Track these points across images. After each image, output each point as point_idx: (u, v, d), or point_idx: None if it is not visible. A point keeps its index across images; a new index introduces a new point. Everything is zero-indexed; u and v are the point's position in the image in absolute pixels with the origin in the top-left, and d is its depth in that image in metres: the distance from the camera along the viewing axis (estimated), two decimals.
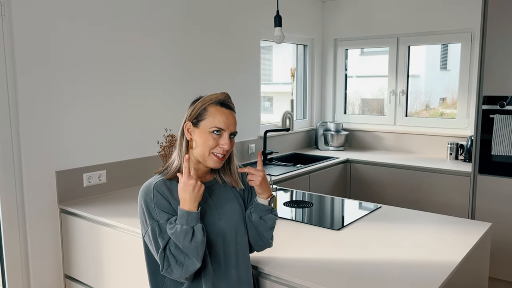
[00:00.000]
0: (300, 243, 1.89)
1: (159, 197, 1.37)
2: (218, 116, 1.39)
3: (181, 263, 1.34)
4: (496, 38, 3.06)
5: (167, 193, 1.38)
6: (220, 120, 1.39)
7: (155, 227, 1.35)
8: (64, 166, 2.49)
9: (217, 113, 1.39)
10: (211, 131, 1.39)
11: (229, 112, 1.42)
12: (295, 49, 4.52)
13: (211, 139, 1.39)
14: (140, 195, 1.41)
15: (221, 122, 1.39)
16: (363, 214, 2.26)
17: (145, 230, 1.38)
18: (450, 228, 2.04)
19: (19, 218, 2.36)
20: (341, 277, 1.56)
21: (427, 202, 3.54)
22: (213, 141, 1.39)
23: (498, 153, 3.10)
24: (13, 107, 2.29)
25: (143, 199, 1.39)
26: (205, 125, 1.39)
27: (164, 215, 1.36)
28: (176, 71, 3.09)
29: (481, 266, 2.02)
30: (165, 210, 1.37)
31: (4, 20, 2.23)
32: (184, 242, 1.31)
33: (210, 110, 1.39)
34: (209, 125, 1.39)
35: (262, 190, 1.48)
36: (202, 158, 1.42)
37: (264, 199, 1.49)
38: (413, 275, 1.58)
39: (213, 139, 1.39)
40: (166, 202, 1.37)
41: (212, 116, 1.39)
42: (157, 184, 1.39)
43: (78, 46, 2.51)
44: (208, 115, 1.39)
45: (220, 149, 1.40)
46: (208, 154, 1.40)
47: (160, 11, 2.93)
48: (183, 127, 1.43)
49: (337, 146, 4.35)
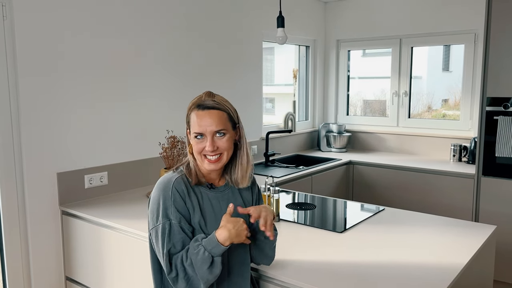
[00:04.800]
0: (303, 246, 1.87)
1: (177, 196, 1.38)
2: (197, 120, 1.39)
3: (188, 279, 1.34)
4: (500, 39, 3.04)
5: (185, 192, 1.39)
6: (199, 124, 1.39)
7: (166, 225, 1.35)
8: (65, 167, 2.48)
9: (196, 118, 1.39)
10: (195, 137, 1.41)
11: (207, 113, 1.39)
12: (297, 50, 4.50)
13: (195, 144, 1.41)
14: (157, 189, 1.41)
15: (200, 127, 1.39)
16: (366, 217, 2.25)
17: (155, 225, 1.38)
18: (455, 231, 2.02)
19: (20, 220, 2.35)
20: (344, 280, 1.54)
21: (430, 204, 3.52)
22: (198, 146, 1.40)
23: (502, 155, 3.08)
24: (15, 109, 2.28)
25: (162, 194, 1.38)
26: (191, 132, 1.42)
27: (177, 215, 1.36)
28: (178, 72, 3.08)
29: (486, 269, 2.00)
30: (181, 210, 1.37)
31: (5, 21, 2.22)
32: (201, 266, 1.31)
33: (191, 116, 1.41)
34: (192, 131, 1.41)
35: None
36: (200, 163, 1.44)
37: None
38: (418, 278, 1.56)
39: (198, 143, 1.40)
40: (183, 202, 1.38)
41: (193, 122, 1.40)
42: (176, 182, 1.39)
43: (80, 49, 2.50)
44: (191, 121, 1.41)
45: (207, 152, 1.40)
46: (201, 158, 1.41)
47: (161, 13, 2.92)
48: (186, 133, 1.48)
49: (339, 147, 4.33)
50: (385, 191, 3.76)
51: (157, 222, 1.37)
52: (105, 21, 2.60)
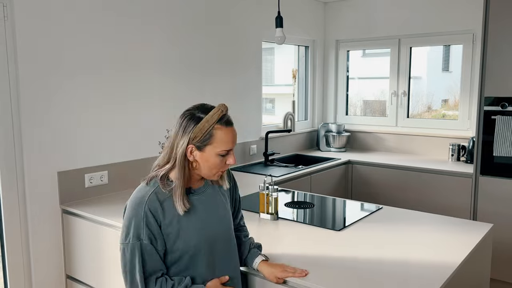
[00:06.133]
0: (301, 244, 1.89)
1: (149, 215, 1.34)
2: (226, 139, 1.36)
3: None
4: (498, 39, 3.06)
5: (159, 210, 1.36)
6: (229, 142, 1.37)
7: (136, 246, 1.34)
8: (66, 166, 2.50)
9: (224, 136, 1.35)
10: (220, 154, 1.37)
11: (233, 129, 1.39)
12: (296, 51, 4.52)
13: (218, 161, 1.38)
14: (130, 207, 1.37)
15: (229, 144, 1.37)
16: (365, 215, 2.26)
17: (123, 242, 1.36)
18: (452, 229, 2.04)
19: (21, 219, 2.37)
20: (342, 277, 1.56)
21: (428, 203, 3.54)
22: (221, 162, 1.38)
23: (500, 154, 3.09)
24: (15, 108, 2.30)
25: (134, 213, 1.35)
26: (212, 150, 1.36)
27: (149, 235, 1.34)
28: (178, 72, 3.10)
29: (483, 267, 2.02)
30: (153, 230, 1.35)
31: (6, 21, 2.24)
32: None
33: (217, 135, 1.34)
34: (217, 149, 1.36)
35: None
36: (207, 176, 1.42)
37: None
38: (415, 275, 1.57)
39: (221, 160, 1.38)
40: (156, 223, 1.35)
41: (220, 141, 1.35)
42: (150, 200, 1.36)
43: (80, 49, 2.51)
44: (215, 140, 1.35)
45: (227, 166, 1.40)
46: (214, 173, 1.40)
47: (161, 14, 2.94)
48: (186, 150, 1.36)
49: (338, 147, 4.35)
50: (384, 191, 3.77)
51: (126, 240, 1.36)
52: (105, 21, 2.62)
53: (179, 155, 1.36)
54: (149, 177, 1.42)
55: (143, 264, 1.34)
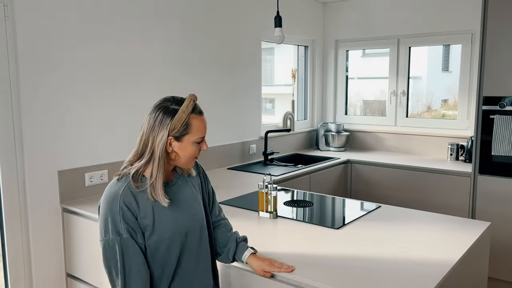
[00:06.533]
0: (300, 241, 1.90)
1: (125, 209, 1.35)
2: (201, 127, 1.42)
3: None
4: (496, 39, 3.07)
5: (134, 205, 1.37)
6: (203, 129, 1.43)
7: (116, 241, 1.34)
8: (66, 165, 2.51)
9: (199, 124, 1.41)
10: (197, 142, 1.42)
11: (203, 117, 1.45)
12: (296, 51, 4.53)
13: (195, 149, 1.43)
14: (104, 203, 1.38)
15: (204, 131, 1.44)
16: (363, 214, 2.28)
17: (104, 239, 1.36)
18: (450, 227, 2.05)
19: (21, 217, 2.38)
20: (340, 274, 1.57)
21: (427, 202, 3.55)
22: (197, 150, 1.44)
23: (498, 154, 3.11)
24: (16, 108, 2.31)
25: (109, 209, 1.36)
26: (190, 139, 1.40)
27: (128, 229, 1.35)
28: (177, 72, 3.11)
29: (480, 265, 2.03)
30: (130, 224, 1.36)
31: (7, 21, 2.25)
32: None
33: (193, 124, 1.40)
34: (194, 137, 1.41)
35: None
36: (183, 165, 1.46)
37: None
38: (412, 272, 1.59)
39: (197, 147, 1.44)
40: (132, 216, 1.36)
41: (196, 129, 1.40)
42: (124, 194, 1.36)
43: (81, 48, 2.53)
44: (192, 129, 1.40)
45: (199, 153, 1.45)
46: (191, 160, 1.45)
47: (160, 13, 2.96)
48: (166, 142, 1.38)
49: (338, 146, 4.36)
50: (383, 190, 3.79)
51: (105, 236, 1.36)
52: (106, 21, 2.63)
53: (160, 149, 1.38)
54: (121, 174, 1.43)
55: (124, 259, 1.34)
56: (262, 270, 1.59)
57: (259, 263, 1.60)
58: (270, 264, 1.59)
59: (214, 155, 3.45)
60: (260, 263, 1.60)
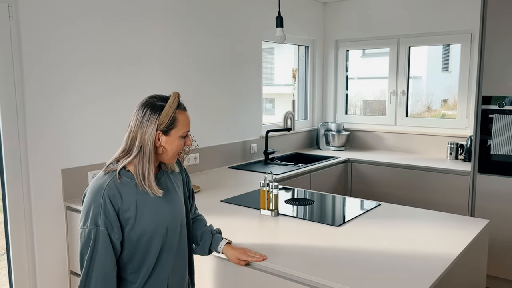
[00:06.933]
0: (301, 238, 1.93)
1: (107, 203, 1.39)
2: (186, 121, 1.48)
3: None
4: (495, 39, 3.10)
5: (117, 198, 1.41)
6: (188, 124, 1.49)
7: (93, 231, 1.38)
8: (69, 164, 2.54)
9: (184, 119, 1.48)
10: (182, 136, 1.48)
11: (187, 113, 1.51)
12: (296, 50, 4.56)
13: (182, 143, 1.49)
14: (89, 195, 1.42)
15: (188, 126, 1.49)
16: (364, 211, 2.30)
17: (82, 227, 1.41)
18: (449, 225, 2.08)
19: (25, 215, 2.41)
20: (340, 268, 1.60)
21: (427, 201, 3.58)
22: (182, 144, 1.49)
23: (497, 153, 3.14)
24: (21, 107, 2.34)
25: (93, 200, 1.40)
26: (176, 133, 1.46)
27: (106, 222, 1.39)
28: (179, 71, 3.14)
29: (479, 263, 2.05)
30: (109, 218, 1.39)
31: (11, 21, 2.28)
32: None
33: (179, 118, 1.46)
34: (180, 131, 1.46)
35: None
36: (168, 160, 1.50)
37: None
38: (411, 267, 1.61)
39: (182, 142, 1.49)
40: (113, 210, 1.40)
41: (182, 124, 1.46)
42: (108, 188, 1.40)
43: (84, 49, 2.56)
44: (178, 123, 1.46)
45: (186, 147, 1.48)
46: (175, 155, 1.50)
47: (161, 13, 2.98)
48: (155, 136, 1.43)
49: (338, 146, 4.39)
50: (383, 189, 3.81)
51: (84, 225, 1.40)
52: (109, 23, 2.66)
53: (150, 143, 1.43)
54: (108, 170, 1.47)
55: (93, 250, 1.38)
56: (236, 258, 1.68)
57: (234, 252, 1.69)
58: (244, 252, 1.69)
59: (215, 154, 3.48)
60: (235, 252, 1.69)
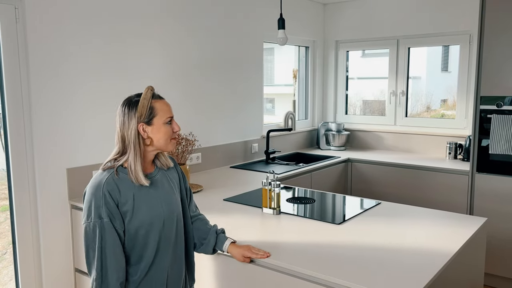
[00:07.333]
0: (303, 236, 1.97)
1: (107, 196, 1.45)
2: (165, 108, 1.54)
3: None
4: (493, 40, 3.14)
5: (116, 192, 1.47)
6: (168, 110, 1.55)
7: (97, 224, 1.44)
8: (74, 163, 2.58)
9: (163, 106, 1.54)
10: (166, 122, 1.53)
11: (165, 101, 1.57)
12: (296, 51, 4.60)
13: (168, 129, 1.54)
14: (89, 191, 1.48)
15: (170, 111, 1.56)
16: (364, 210, 2.35)
17: (87, 222, 1.46)
18: (447, 222, 2.12)
19: (31, 214, 2.45)
20: (341, 265, 1.64)
21: (426, 200, 3.62)
22: (170, 129, 1.55)
23: (495, 152, 3.18)
24: (27, 108, 2.38)
25: (93, 195, 1.46)
26: (159, 120, 1.52)
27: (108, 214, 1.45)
28: (181, 72, 3.18)
29: (477, 260, 2.09)
30: (111, 210, 1.46)
31: (18, 23, 2.32)
32: None
33: (157, 106, 1.52)
34: (163, 118, 1.53)
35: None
36: (164, 148, 1.56)
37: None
38: (411, 263, 1.65)
39: (169, 127, 1.55)
40: (113, 202, 1.46)
41: (161, 110, 1.53)
42: (107, 183, 1.47)
43: (89, 50, 2.60)
44: (157, 111, 1.52)
45: (176, 133, 1.57)
46: (169, 142, 1.56)
47: (163, 14, 3.02)
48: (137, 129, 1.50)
49: (338, 146, 4.43)
50: (382, 188, 3.85)
51: (88, 219, 1.46)
52: (113, 23, 2.70)
53: (133, 135, 1.50)
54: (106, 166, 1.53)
55: (102, 241, 1.44)
56: (241, 255, 1.73)
57: (239, 250, 1.74)
58: (248, 249, 1.74)
59: (217, 154, 3.52)
60: (239, 250, 1.74)
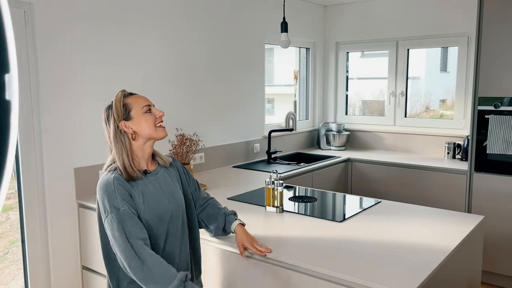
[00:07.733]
0: (305, 233, 2.03)
1: (120, 188, 1.51)
2: (138, 99, 1.59)
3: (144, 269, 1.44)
4: (491, 42, 3.20)
5: (126, 185, 1.53)
6: (142, 99, 1.61)
7: (114, 215, 1.47)
8: (82, 163, 2.64)
9: (135, 99, 1.59)
10: (145, 111, 1.58)
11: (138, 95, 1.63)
12: (296, 52, 4.66)
13: (149, 116, 1.59)
14: (100, 189, 1.52)
15: (144, 100, 1.61)
16: (364, 208, 2.41)
17: (105, 216, 1.50)
18: (445, 220, 2.18)
19: (40, 213, 2.50)
20: (341, 261, 1.70)
21: (425, 199, 3.67)
22: (152, 117, 1.60)
23: (493, 152, 3.24)
24: (36, 109, 2.43)
25: (105, 190, 1.50)
26: (137, 112, 1.57)
27: (124, 204, 1.49)
28: (184, 73, 3.24)
29: (474, 258, 2.15)
30: (126, 199, 1.50)
31: (27, 26, 2.38)
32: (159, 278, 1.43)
33: (129, 101, 1.58)
34: (139, 108, 1.57)
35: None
36: (153, 136, 1.60)
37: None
38: (410, 260, 1.71)
39: (150, 115, 1.60)
40: (125, 191, 1.51)
41: (135, 103, 1.58)
42: (116, 178, 1.52)
43: (96, 51, 2.66)
44: (131, 105, 1.57)
45: (159, 119, 1.62)
46: (155, 130, 1.60)
47: (166, 15, 3.08)
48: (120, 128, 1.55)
49: (338, 145, 4.49)
50: (382, 188, 3.91)
51: (105, 214, 1.49)
52: (118, 26, 2.76)
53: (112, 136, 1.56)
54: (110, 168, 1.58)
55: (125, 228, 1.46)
56: (241, 243, 1.76)
57: (242, 236, 1.78)
58: (250, 241, 1.76)
59: (219, 154, 3.58)
60: (244, 237, 1.77)
